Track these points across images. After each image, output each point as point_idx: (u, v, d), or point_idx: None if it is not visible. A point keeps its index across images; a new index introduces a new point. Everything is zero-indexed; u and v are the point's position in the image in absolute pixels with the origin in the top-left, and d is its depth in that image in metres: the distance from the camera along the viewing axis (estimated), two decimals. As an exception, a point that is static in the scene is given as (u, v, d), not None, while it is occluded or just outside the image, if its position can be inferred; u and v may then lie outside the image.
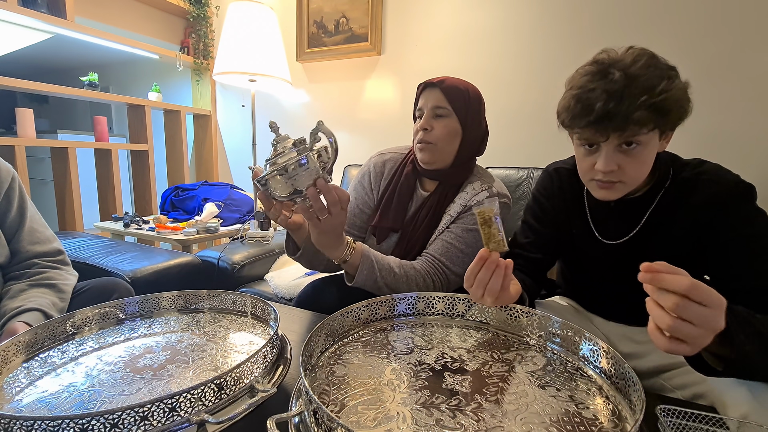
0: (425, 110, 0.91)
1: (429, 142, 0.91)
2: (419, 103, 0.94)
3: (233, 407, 0.45)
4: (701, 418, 0.45)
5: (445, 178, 0.95)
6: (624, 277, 0.78)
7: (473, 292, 0.59)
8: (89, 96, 2.04)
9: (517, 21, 1.68)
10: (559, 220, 0.84)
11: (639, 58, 0.61)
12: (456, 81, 0.91)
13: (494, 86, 1.76)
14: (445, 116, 0.90)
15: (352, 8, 1.97)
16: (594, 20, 1.56)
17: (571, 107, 0.63)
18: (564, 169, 0.84)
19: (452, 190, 0.95)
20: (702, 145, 1.34)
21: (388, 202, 0.98)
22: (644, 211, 0.73)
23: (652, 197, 0.72)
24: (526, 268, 0.83)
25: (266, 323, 0.68)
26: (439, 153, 0.92)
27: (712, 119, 1.39)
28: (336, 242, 0.75)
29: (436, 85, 0.90)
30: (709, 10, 1.39)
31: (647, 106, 0.59)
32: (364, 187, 1.02)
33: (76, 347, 0.61)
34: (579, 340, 0.57)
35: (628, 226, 0.75)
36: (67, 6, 1.83)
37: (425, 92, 0.92)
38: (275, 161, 0.62)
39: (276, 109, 2.30)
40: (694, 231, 0.68)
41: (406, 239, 0.95)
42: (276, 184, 0.62)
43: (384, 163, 1.03)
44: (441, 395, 0.47)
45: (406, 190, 0.97)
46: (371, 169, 1.03)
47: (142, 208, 2.35)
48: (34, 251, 0.89)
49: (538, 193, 0.88)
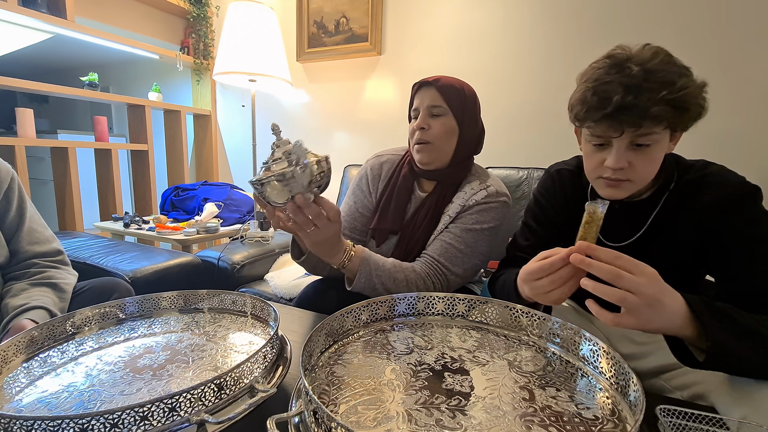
0: (421, 109, 0.91)
1: (427, 142, 0.90)
2: (414, 103, 0.93)
3: (233, 407, 0.45)
4: (701, 419, 0.45)
5: (442, 178, 0.95)
6: None
7: (543, 286, 0.57)
8: (89, 96, 2.04)
9: (517, 21, 1.68)
10: (560, 221, 0.83)
11: (657, 54, 0.61)
12: (451, 79, 0.91)
13: (494, 86, 1.76)
14: (442, 115, 0.90)
15: (352, 8, 1.97)
16: (594, 20, 1.56)
17: (588, 99, 0.62)
18: (566, 170, 0.84)
19: (450, 189, 0.95)
20: (706, 145, 1.35)
21: (387, 204, 0.97)
22: (649, 214, 0.72)
23: (657, 199, 0.71)
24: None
25: (266, 323, 0.68)
26: (437, 152, 0.91)
27: (715, 120, 1.39)
28: (331, 250, 0.75)
29: (431, 84, 0.90)
30: (712, 9, 1.39)
31: (666, 101, 0.58)
32: (363, 190, 1.02)
33: (76, 347, 0.61)
34: (579, 341, 0.57)
35: (632, 228, 0.74)
36: (67, 6, 1.83)
37: (420, 92, 0.92)
38: (270, 166, 0.62)
39: (276, 109, 2.30)
40: (698, 233, 0.68)
41: (406, 241, 0.95)
42: (272, 190, 0.62)
43: (381, 165, 1.02)
44: (441, 395, 0.47)
45: (404, 192, 0.97)
46: (368, 171, 1.03)
47: (142, 208, 2.35)
48: (34, 251, 0.89)
49: (539, 194, 0.87)
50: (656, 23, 1.47)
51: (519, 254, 0.85)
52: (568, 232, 0.83)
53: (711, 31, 1.39)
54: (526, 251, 0.85)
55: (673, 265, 0.72)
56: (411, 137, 0.94)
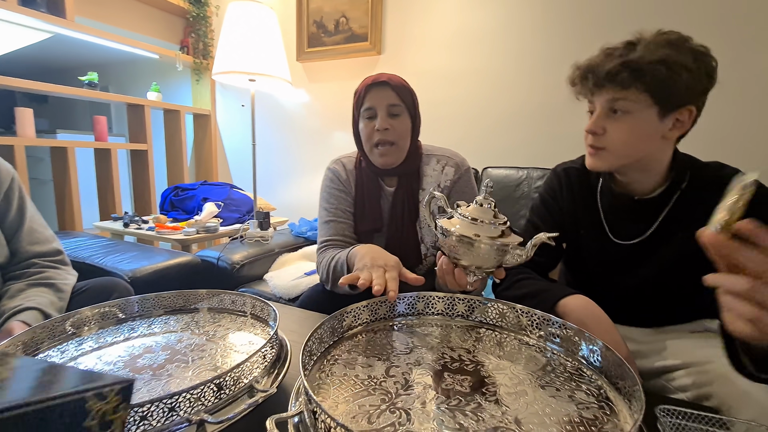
0: (379, 109, 0.90)
1: (391, 143, 0.91)
2: (366, 103, 0.91)
3: (233, 407, 0.45)
4: (701, 419, 0.45)
5: (402, 171, 0.96)
6: (633, 277, 0.78)
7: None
8: (89, 95, 2.03)
9: (518, 21, 1.68)
10: (566, 220, 0.83)
11: (660, 34, 0.63)
12: (399, 78, 0.93)
13: (495, 86, 1.76)
14: (400, 114, 0.91)
15: (352, 8, 1.97)
16: (595, 20, 1.56)
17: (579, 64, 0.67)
18: (574, 168, 0.84)
19: (413, 178, 0.97)
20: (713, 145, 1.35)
21: (361, 206, 0.98)
22: (660, 212, 0.72)
23: (668, 197, 0.72)
24: (532, 267, 0.83)
25: (266, 323, 0.68)
26: (400, 152, 0.93)
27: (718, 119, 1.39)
28: None
29: (386, 84, 0.89)
30: (715, 8, 1.39)
31: (623, 63, 0.60)
32: (340, 190, 0.99)
33: (76, 347, 0.61)
34: (579, 340, 0.57)
35: (643, 226, 0.74)
36: (67, 6, 1.83)
37: (374, 92, 0.90)
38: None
39: (276, 109, 2.31)
40: None
41: (394, 238, 0.96)
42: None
43: (344, 166, 1.02)
44: (441, 395, 0.47)
45: (373, 190, 0.98)
46: (337, 175, 1.00)
47: (141, 207, 2.35)
48: (34, 251, 0.89)
49: (545, 193, 0.87)
50: (656, 23, 1.46)
51: None
52: (572, 231, 0.83)
53: (713, 29, 1.39)
54: None
55: (679, 265, 0.73)
56: (368, 139, 0.93)
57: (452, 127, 1.86)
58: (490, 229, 0.59)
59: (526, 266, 0.83)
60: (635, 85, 0.61)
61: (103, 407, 0.26)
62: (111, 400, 0.26)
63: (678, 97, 0.63)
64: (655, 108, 0.63)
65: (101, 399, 0.26)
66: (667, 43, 0.62)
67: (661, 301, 0.78)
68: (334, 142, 2.17)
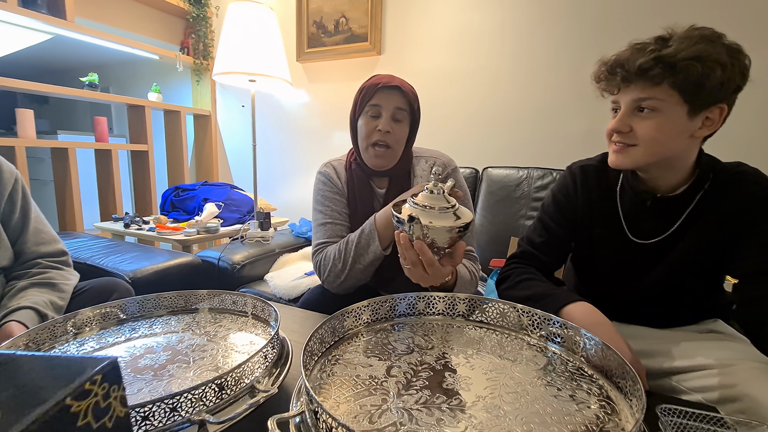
0: (385, 111, 0.90)
1: (388, 146, 0.91)
2: (373, 100, 0.90)
3: (234, 407, 0.45)
4: (702, 418, 0.45)
5: (394, 172, 0.97)
6: (645, 277, 0.77)
7: None
8: (89, 96, 2.04)
9: (517, 21, 1.68)
10: (579, 219, 0.82)
11: (697, 29, 0.62)
12: (409, 85, 0.93)
13: (494, 86, 1.76)
14: (402, 120, 0.92)
15: (352, 8, 1.97)
16: (595, 20, 1.55)
17: (606, 60, 0.66)
18: (591, 166, 0.83)
19: (404, 179, 0.98)
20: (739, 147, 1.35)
21: (354, 208, 0.98)
22: (682, 211, 0.72)
23: (691, 197, 0.71)
24: (538, 266, 0.83)
25: (267, 323, 0.68)
26: (394, 156, 0.93)
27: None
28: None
29: (398, 89, 0.90)
30: (716, 8, 1.39)
31: (655, 58, 0.58)
32: (335, 193, 0.99)
33: (77, 347, 0.61)
34: (579, 340, 0.57)
35: (664, 225, 0.74)
36: (67, 6, 1.83)
37: (383, 93, 0.90)
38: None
39: (276, 109, 2.31)
40: (729, 232, 0.68)
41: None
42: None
43: (335, 168, 1.01)
44: (441, 395, 0.47)
45: (365, 192, 0.98)
46: (329, 177, 1.00)
47: (142, 208, 2.35)
48: (39, 252, 0.89)
49: (558, 191, 0.86)
50: (657, 23, 1.46)
51: (532, 251, 0.84)
52: (585, 230, 0.82)
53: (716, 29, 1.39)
54: (539, 248, 0.84)
55: (698, 265, 0.72)
56: (366, 136, 0.92)
57: (452, 127, 1.86)
58: (440, 215, 0.61)
59: (532, 265, 0.83)
60: (666, 82, 0.60)
61: (92, 401, 0.22)
62: (97, 391, 0.22)
63: (710, 95, 0.61)
64: (685, 106, 0.62)
65: (85, 396, 0.22)
66: (701, 39, 0.61)
67: (669, 302, 0.78)
68: (334, 142, 2.17)
